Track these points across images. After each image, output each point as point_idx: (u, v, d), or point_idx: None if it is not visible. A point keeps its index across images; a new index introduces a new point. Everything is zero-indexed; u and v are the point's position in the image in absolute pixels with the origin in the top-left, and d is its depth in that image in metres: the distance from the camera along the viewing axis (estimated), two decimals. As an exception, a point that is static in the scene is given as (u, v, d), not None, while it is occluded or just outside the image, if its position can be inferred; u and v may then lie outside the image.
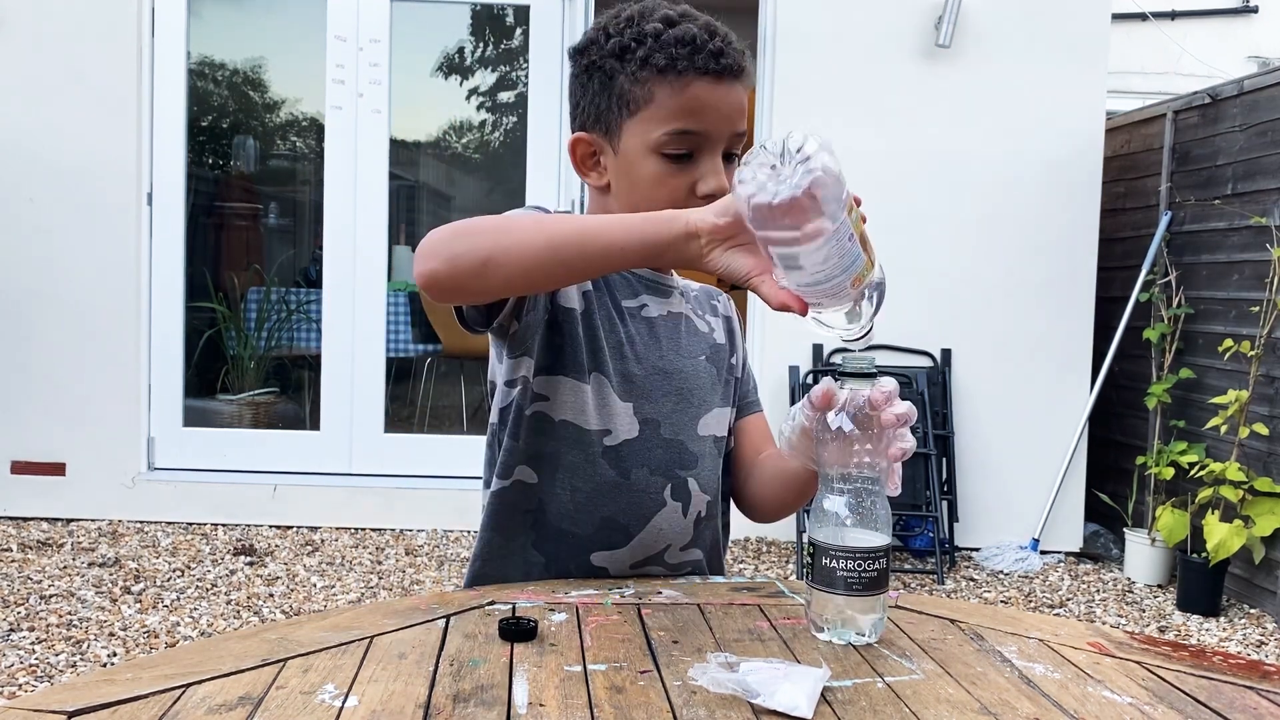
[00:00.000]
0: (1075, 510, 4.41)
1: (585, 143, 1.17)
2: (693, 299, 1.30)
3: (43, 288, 4.29)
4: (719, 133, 1.11)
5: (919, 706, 0.82)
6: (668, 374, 1.20)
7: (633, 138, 1.13)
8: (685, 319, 1.26)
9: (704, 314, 1.30)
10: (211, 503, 4.31)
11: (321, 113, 4.51)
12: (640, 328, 1.20)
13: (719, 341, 1.29)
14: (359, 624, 0.97)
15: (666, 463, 1.18)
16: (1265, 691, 0.89)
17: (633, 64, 1.11)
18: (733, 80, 1.12)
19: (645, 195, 1.12)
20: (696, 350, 1.25)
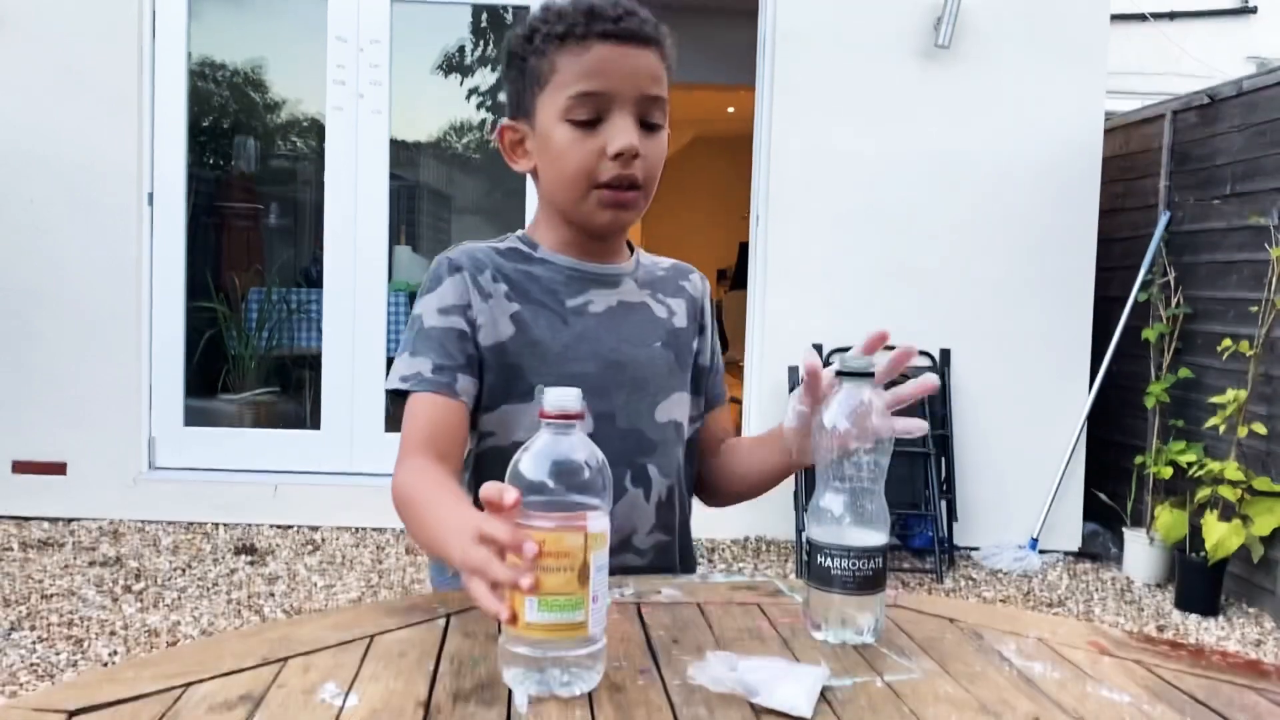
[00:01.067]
0: (1074, 509, 4.41)
1: (509, 130, 1.21)
2: (656, 280, 1.29)
3: (43, 288, 4.29)
4: (624, 93, 1.12)
5: (918, 705, 0.82)
6: (621, 365, 1.20)
7: (545, 112, 1.15)
8: (639, 306, 1.25)
9: (665, 297, 1.28)
10: (212, 502, 4.31)
11: (322, 113, 4.51)
12: (589, 324, 1.21)
13: (678, 326, 1.28)
14: (360, 623, 0.97)
15: (625, 452, 1.18)
16: (1264, 690, 0.89)
17: (537, 40, 1.15)
18: (638, 45, 1.14)
19: (560, 166, 1.15)
20: (651, 338, 1.24)
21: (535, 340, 1.17)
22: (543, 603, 0.80)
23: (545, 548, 0.80)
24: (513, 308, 1.18)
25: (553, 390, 0.84)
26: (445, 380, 1.14)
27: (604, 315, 1.22)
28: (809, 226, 4.39)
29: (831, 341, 4.36)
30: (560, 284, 1.21)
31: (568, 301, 1.20)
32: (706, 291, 1.35)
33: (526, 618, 0.80)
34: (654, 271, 1.30)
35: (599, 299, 1.22)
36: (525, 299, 1.19)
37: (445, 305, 1.17)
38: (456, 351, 1.15)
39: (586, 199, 1.15)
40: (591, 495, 0.82)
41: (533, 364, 1.16)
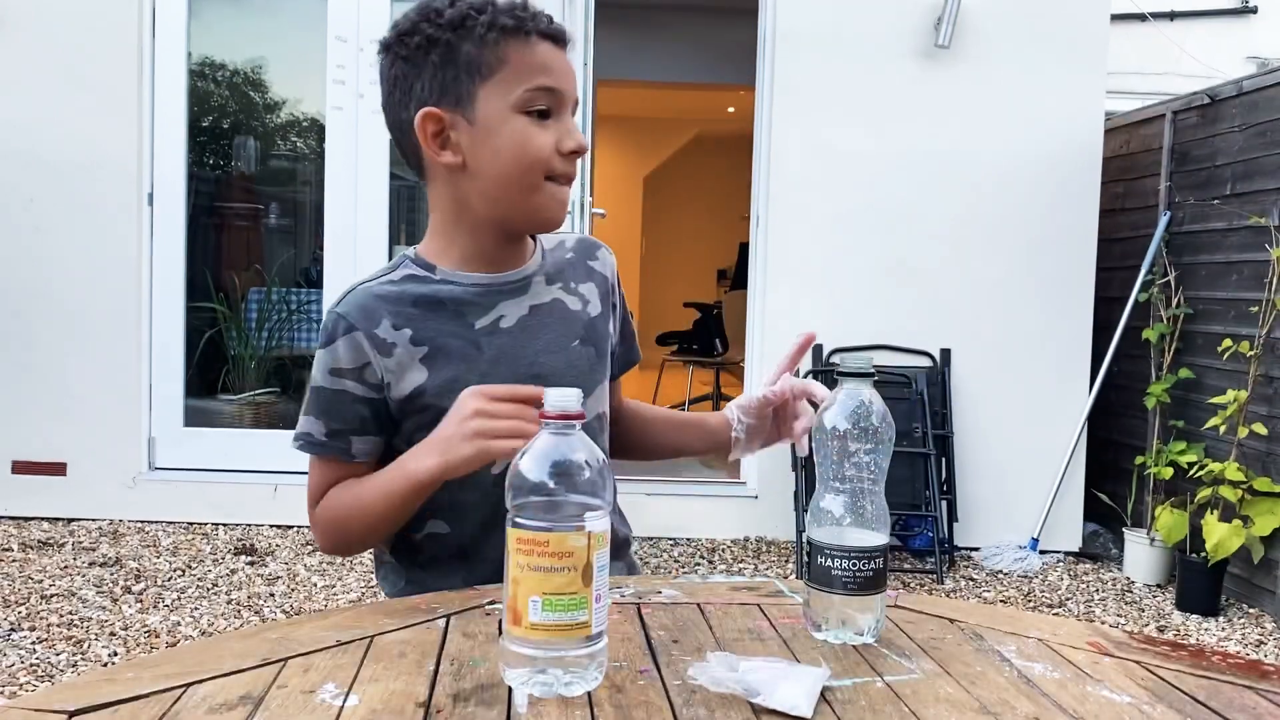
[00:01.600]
0: (1074, 510, 4.41)
1: (432, 119, 1.14)
2: (564, 268, 1.27)
3: (43, 288, 4.29)
4: (569, 94, 1.15)
5: (918, 706, 0.82)
6: (542, 378, 1.15)
7: (490, 103, 1.12)
8: (551, 306, 1.23)
9: (577, 284, 1.26)
10: (212, 502, 4.31)
11: (322, 113, 4.51)
12: (503, 342, 1.19)
13: (594, 314, 1.27)
14: (359, 623, 0.97)
15: None
16: (1264, 691, 0.89)
17: (478, 29, 1.11)
18: (564, 47, 1.16)
19: (514, 157, 1.12)
20: (568, 339, 1.23)
21: (450, 378, 1.15)
22: (547, 603, 0.80)
23: (548, 548, 0.80)
24: (420, 351, 1.16)
25: (553, 390, 0.84)
26: (340, 445, 1.18)
27: (516, 328, 1.20)
28: (809, 226, 4.39)
29: (831, 341, 4.36)
30: (465, 305, 1.18)
31: (476, 323, 1.18)
32: (613, 264, 1.33)
33: (530, 618, 0.80)
34: (560, 258, 1.27)
35: (509, 311, 1.20)
36: (431, 333, 1.16)
37: (336, 367, 1.16)
38: (349, 415, 1.17)
39: (539, 192, 1.14)
40: (593, 495, 0.82)
41: (451, 399, 1.10)
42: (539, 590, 0.80)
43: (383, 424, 1.18)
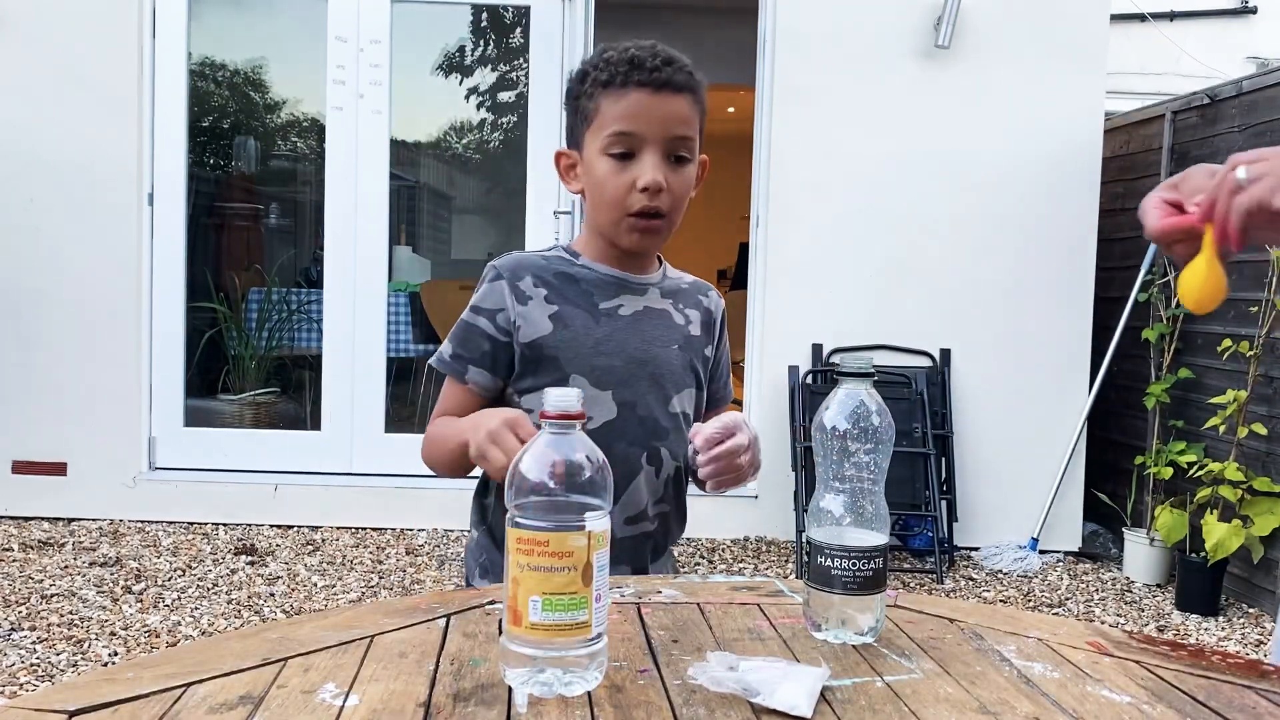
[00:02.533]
0: (1074, 510, 4.41)
1: (564, 157, 1.42)
2: (680, 292, 1.48)
3: (44, 287, 4.29)
4: (654, 135, 1.32)
5: (918, 706, 0.82)
6: (643, 362, 1.38)
7: (590, 146, 1.36)
8: (661, 312, 1.44)
9: (685, 307, 1.47)
10: (212, 502, 4.31)
11: (322, 113, 4.51)
12: (617, 324, 1.39)
13: (694, 334, 1.46)
14: (360, 623, 0.97)
15: (642, 436, 1.38)
16: (1264, 691, 0.89)
17: (589, 84, 1.35)
18: (671, 92, 1.32)
19: (599, 193, 1.35)
20: (670, 340, 1.43)
21: (570, 336, 1.37)
22: (547, 603, 0.80)
23: (548, 548, 0.80)
24: (551, 308, 1.38)
25: (553, 391, 0.84)
26: (458, 367, 1.39)
27: (631, 318, 1.40)
28: (809, 226, 4.39)
29: (831, 341, 4.36)
30: (595, 288, 1.40)
31: (601, 304, 1.39)
32: (721, 307, 1.53)
33: (530, 618, 0.80)
34: (678, 285, 1.49)
35: (628, 303, 1.41)
36: (563, 300, 1.38)
37: (479, 305, 1.40)
38: (474, 346, 1.38)
39: (620, 224, 1.35)
40: (593, 495, 0.83)
41: (568, 355, 1.35)
42: (539, 590, 0.80)
43: (498, 363, 1.38)
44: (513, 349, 1.38)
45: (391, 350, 4.64)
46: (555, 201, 4.42)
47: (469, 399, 1.39)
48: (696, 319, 1.47)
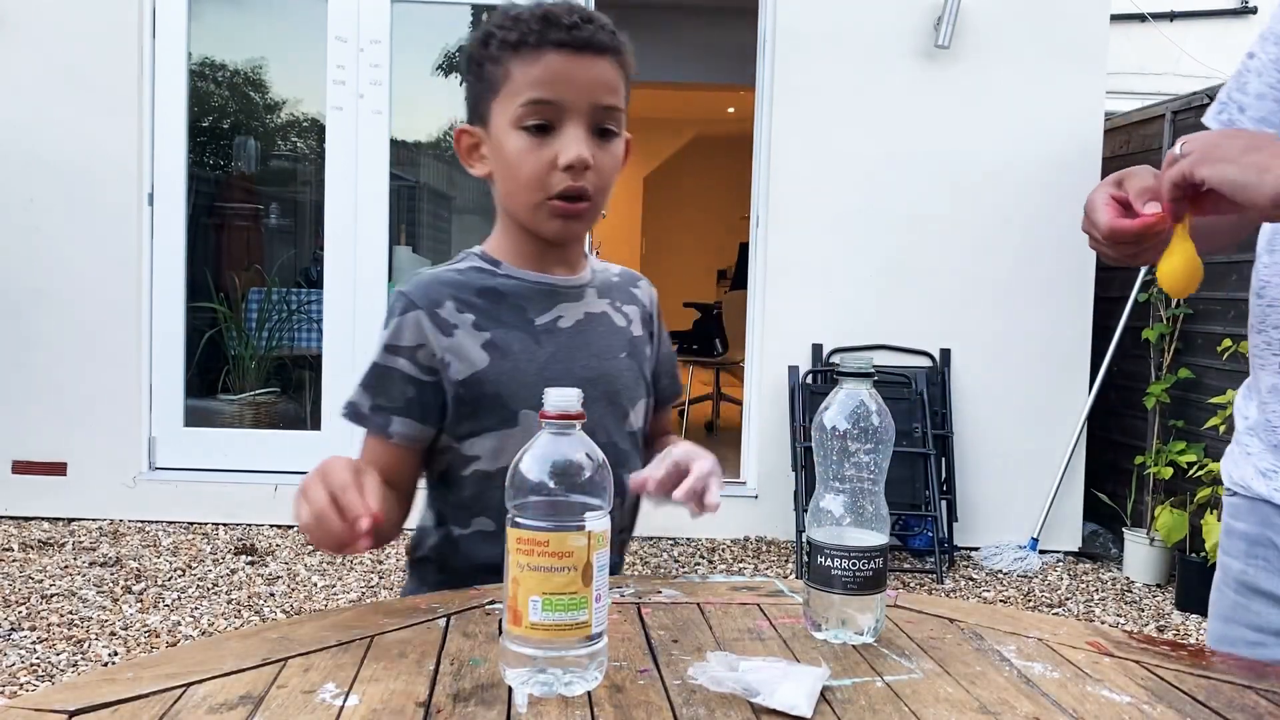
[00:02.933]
0: (1074, 510, 4.41)
1: (466, 134, 1.22)
2: (614, 288, 1.30)
3: (44, 288, 4.29)
4: (577, 103, 1.13)
5: (918, 706, 0.82)
6: (593, 380, 1.18)
7: (498, 118, 1.16)
8: (602, 317, 1.26)
9: (622, 304, 1.30)
10: (212, 502, 4.31)
11: (322, 113, 4.51)
12: (560, 341, 1.21)
13: (636, 334, 1.30)
14: (359, 623, 0.97)
15: None
16: (1264, 691, 0.89)
17: (493, 46, 1.15)
18: (593, 54, 1.13)
19: (513, 174, 1.16)
20: (617, 348, 1.26)
21: (510, 368, 1.18)
22: (547, 603, 0.80)
23: (548, 548, 0.80)
24: (483, 335, 1.18)
25: (553, 391, 0.84)
26: (379, 421, 1.19)
27: (573, 330, 1.22)
28: (809, 226, 4.39)
29: (831, 341, 4.36)
30: (527, 300, 1.21)
31: (537, 320, 1.21)
32: (654, 297, 1.37)
33: (530, 618, 0.80)
34: (609, 279, 1.31)
35: (567, 313, 1.23)
36: (494, 322, 1.19)
37: (393, 344, 1.18)
38: (395, 393, 1.18)
39: (539, 208, 1.16)
40: (593, 495, 0.83)
41: (512, 389, 1.17)
42: (539, 590, 0.80)
43: (428, 410, 1.18)
44: (443, 390, 1.17)
45: (391, 350, 4.63)
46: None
47: (395, 455, 1.20)
48: (636, 316, 1.31)
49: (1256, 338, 1.12)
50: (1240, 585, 1.15)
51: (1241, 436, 1.17)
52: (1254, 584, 1.13)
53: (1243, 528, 1.15)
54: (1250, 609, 1.13)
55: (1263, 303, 1.12)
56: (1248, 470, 1.14)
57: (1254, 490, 1.13)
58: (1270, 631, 1.11)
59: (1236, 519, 1.17)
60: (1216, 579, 1.19)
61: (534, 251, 1.22)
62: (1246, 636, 1.13)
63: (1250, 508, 1.14)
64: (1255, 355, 1.13)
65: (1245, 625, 1.14)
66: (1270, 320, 1.10)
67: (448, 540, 1.25)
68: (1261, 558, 1.13)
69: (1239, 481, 1.16)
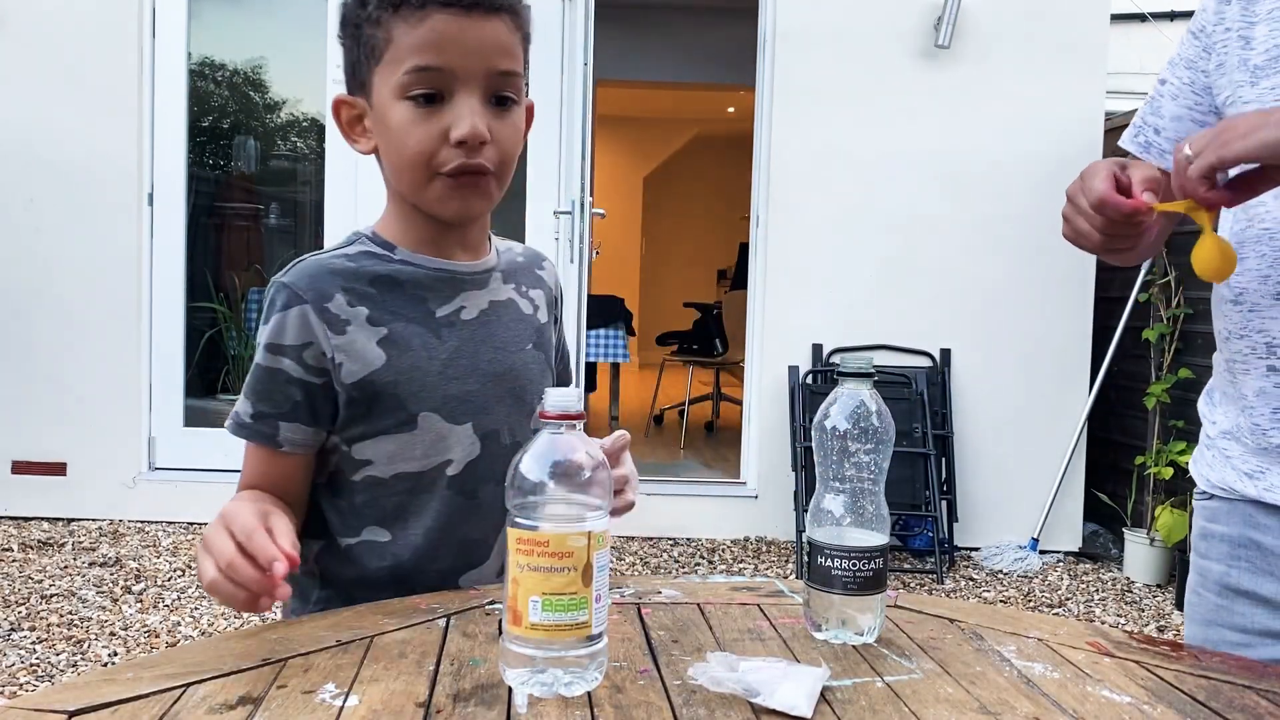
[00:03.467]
0: (1074, 510, 4.41)
1: (346, 105, 1.13)
2: (517, 270, 1.20)
3: (44, 288, 4.29)
4: (470, 70, 1.03)
5: (918, 706, 0.82)
6: (500, 377, 1.12)
7: (381, 87, 1.06)
8: (507, 305, 1.16)
9: (528, 289, 1.20)
10: (212, 503, 4.28)
11: (322, 113, 4.51)
12: (464, 334, 1.11)
13: (541, 321, 1.21)
14: (359, 623, 0.97)
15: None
16: (1264, 691, 0.89)
17: (370, 6, 1.06)
18: (484, 13, 1.03)
19: (399, 147, 1.05)
20: (523, 340, 1.17)
21: (410, 365, 1.08)
22: (547, 603, 0.80)
23: (548, 548, 0.80)
24: (378, 332, 1.07)
25: (553, 390, 0.84)
26: (265, 430, 1.07)
27: (477, 322, 1.13)
28: (809, 226, 4.39)
29: (831, 341, 4.36)
30: (426, 290, 1.11)
31: (438, 311, 1.11)
32: (557, 279, 1.28)
33: (530, 618, 0.80)
34: (512, 259, 1.21)
35: (470, 303, 1.13)
36: (390, 314, 1.08)
37: (277, 343, 1.06)
38: (280, 397, 1.06)
39: (429, 186, 1.06)
40: (592, 495, 0.83)
41: (410, 390, 1.08)
42: (539, 590, 0.80)
43: (318, 413, 1.07)
44: (333, 392, 1.07)
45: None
46: (555, 201, 4.42)
47: (286, 465, 1.08)
48: (541, 301, 1.21)
49: (1238, 343, 1.12)
50: (1222, 588, 1.15)
51: (1216, 441, 1.18)
52: (1236, 585, 1.13)
53: (1222, 529, 1.15)
54: (1234, 610, 1.13)
55: (1242, 309, 1.12)
56: (1228, 473, 1.14)
57: (1238, 491, 1.13)
58: (1255, 632, 1.11)
59: (1214, 522, 1.17)
60: (1192, 583, 1.20)
61: (431, 234, 1.11)
62: (1230, 639, 1.13)
63: (1230, 510, 1.14)
64: (1235, 362, 1.13)
65: (1228, 627, 1.14)
66: (1253, 325, 1.10)
67: (330, 550, 1.13)
68: (1244, 559, 1.13)
69: (1217, 484, 1.16)
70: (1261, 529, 1.11)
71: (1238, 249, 1.13)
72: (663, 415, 7.03)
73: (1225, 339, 1.15)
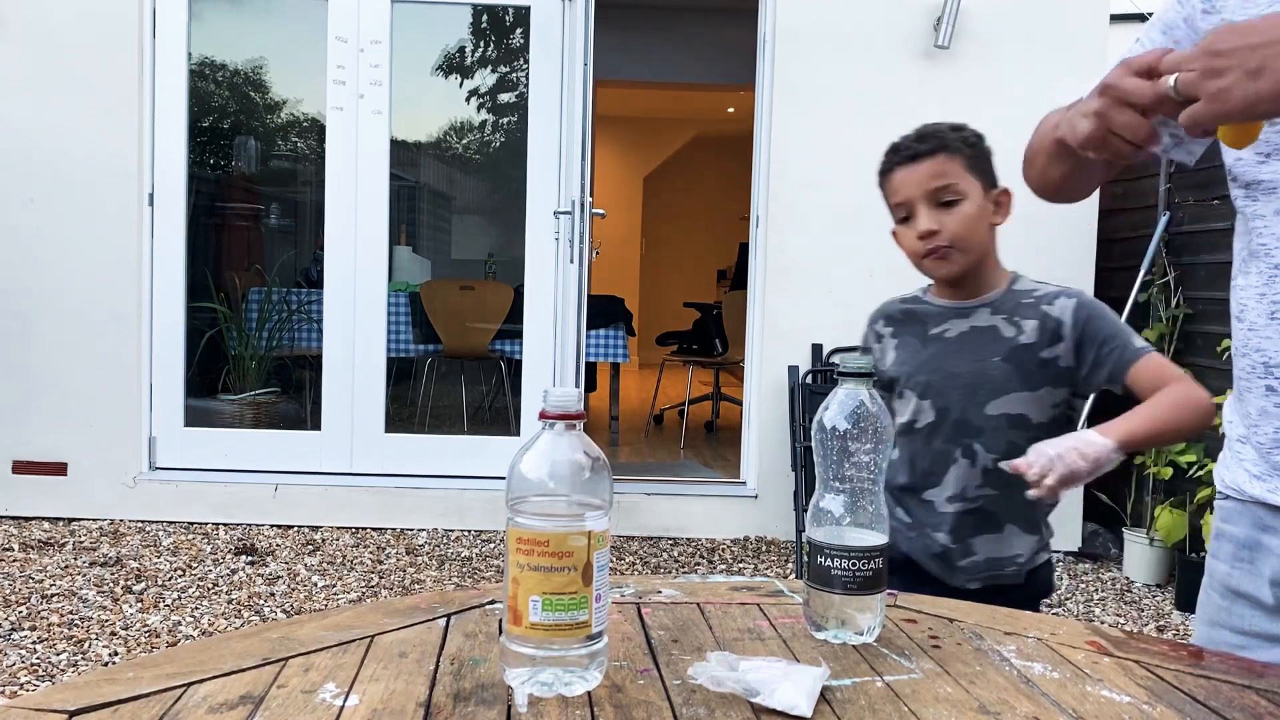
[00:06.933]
0: (1074, 510, 4.41)
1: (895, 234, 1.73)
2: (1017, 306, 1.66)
3: (44, 288, 4.29)
4: (915, 196, 1.65)
5: (918, 705, 0.83)
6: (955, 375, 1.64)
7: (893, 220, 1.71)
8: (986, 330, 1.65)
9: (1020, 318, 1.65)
10: (213, 502, 4.31)
11: (322, 113, 4.51)
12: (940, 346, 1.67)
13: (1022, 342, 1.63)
14: (360, 623, 0.97)
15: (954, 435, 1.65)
16: (1264, 691, 0.89)
17: (879, 177, 1.77)
18: (922, 159, 1.67)
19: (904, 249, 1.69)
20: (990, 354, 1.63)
21: (903, 359, 1.67)
22: (547, 603, 0.80)
23: (548, 548, 0.80)
24: (894, 341, 1.70)
25: (554, 390, 0.84)
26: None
27: (954, 339, 1.65)
28: (809, 226, 4.39)
29: (831, 341, 4.36)
30: (929, 317, 1.68)
31: (930, 330, 1.67)
32: (1071, 308, 1.64)
33: (530, 618, 0.80)
34: (1017, 299, 1.67)
35: (954, 326, 1.66)
36: (903, 332, 1.70)
37: (862, 344, 1.77)
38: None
39: (921, 264, 1.66)
40: (593, 495, 0.83)
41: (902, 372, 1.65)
42: (539, 590, 0.80)
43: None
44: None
45: (391, 350, 4.64)
46: (555, 201, 4.42)
47: None
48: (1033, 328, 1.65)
49: (1241, 360, 1.12)
50: (1225, 589, 1.15)
51: (1233, 444, 1.17)
52: (1237, 587, 1.13)
53: (1232, 530, 1.15)
54: (1233, 612, 1.13)
55: (1243, 326, 1.11)
56: (1240, 474, 1.14)
57: (1246, 492, 1.13)
58: (1252, 635, 1.11)
59: (1227, 523, 1.17)
60: (1204, 582, 1.20)
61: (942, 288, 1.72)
62: (1230, 640, 1.13)
63: (1242, 511, 1.14)
64: (1240, 378, 1.13)
65: (1228, 629, 1.14)
66: (1252, 344, 1.10)
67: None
68: (1246, 560, 1.13)
69: (1231, 485, 1.16)
70: (1270, 531, 1.11)
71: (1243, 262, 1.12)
72: (663, 415, 7.04)
73: (1234, 353, 1.15)
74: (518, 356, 4.66)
